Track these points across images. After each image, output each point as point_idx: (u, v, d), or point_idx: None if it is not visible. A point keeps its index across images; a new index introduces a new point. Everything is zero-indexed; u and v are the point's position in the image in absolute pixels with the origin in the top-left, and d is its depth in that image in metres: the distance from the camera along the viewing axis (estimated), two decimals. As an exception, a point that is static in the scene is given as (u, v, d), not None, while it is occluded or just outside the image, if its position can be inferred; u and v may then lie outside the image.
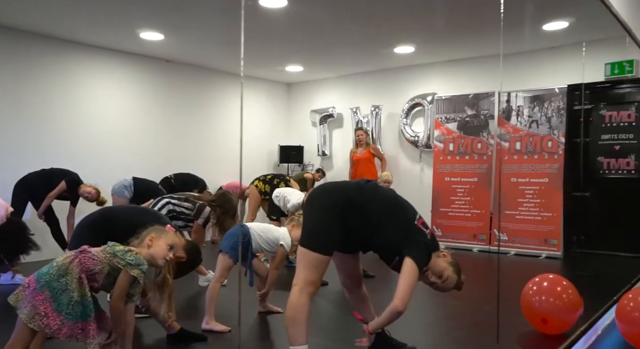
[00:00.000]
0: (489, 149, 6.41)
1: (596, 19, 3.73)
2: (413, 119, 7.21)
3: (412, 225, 2.36)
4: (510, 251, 6.06)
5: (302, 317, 2.29)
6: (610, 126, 5.93)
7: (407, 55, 6.57)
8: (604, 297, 3.64)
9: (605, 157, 5.92)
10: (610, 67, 5.60)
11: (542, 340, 2.90)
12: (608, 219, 5.81)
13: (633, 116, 5.85)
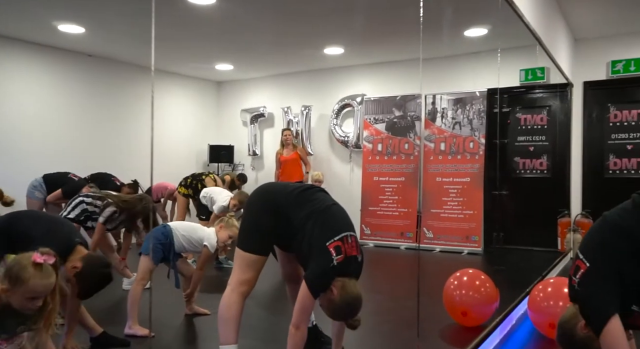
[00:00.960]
0: (416, 150, 6.63)
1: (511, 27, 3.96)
2: (343, 120, 7.33)
3: (321, 246, 2.14)
4: (436, 248, 6.29)
5: (233, 316, 2.30)
6: (525, 128, 6.32)
7: (337, 56, 6.66)
8: (518, 289, 3.86)
9: (521, 157, 6.30)
10: (524, 73, 5.96)
11: (462, 332, 3.04)
12: (523, 216, 6.19)
13: (545, 119, 6.26)
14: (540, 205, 6.13)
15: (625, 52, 5.98)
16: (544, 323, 3.15)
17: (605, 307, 1.82)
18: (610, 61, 6.01)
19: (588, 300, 1.88)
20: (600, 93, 6.13)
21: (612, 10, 5.34)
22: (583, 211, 6.13)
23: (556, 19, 5.19)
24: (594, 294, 1.86)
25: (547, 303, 3.15)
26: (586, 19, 5.61)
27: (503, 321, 3.20)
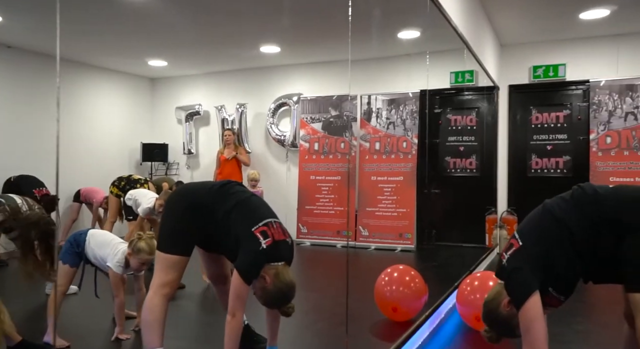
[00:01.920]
0: (352, 149, 6.72)
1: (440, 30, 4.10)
2: (280, 119, 7.31)
3: (248, 233, 2.16)
4: (371, 246, 6.41)
5: (156, 319, 2.25)
6: (456, 128, 6.56)
7: (273, 55, 6.64)
8: (448, 284, 4.00)
9: (451, 157, 6.53)
10: (454, 75, 6.18)
11: (392, 327, 3.11)
12: (454, 214, 6.42)
13: (474, 120, 6.52)
14: (469, 203, 6.38)
15: (545, 59, 6.34)
16: (471, 316, 3.28)
17: (528, 283, 1.94)
18: (532, 66, 6.35)
19: (514, 275, 1.99)
20: (524, 96, 6.47)
21: (534, 19, 5.64)
22: (508, 208, 6.44)
23: (483, 25, 5.42)
24: (520, 270, 1.97)
25: (474, 296, 3.28)
26: (511, 26, 5.90)
27: (432, 315, 3.30)
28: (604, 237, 1.90)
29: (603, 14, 5.36)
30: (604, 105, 5.89)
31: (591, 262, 1.96)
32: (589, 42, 6.19)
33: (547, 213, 2.03)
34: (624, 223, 1.87)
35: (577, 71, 6.18)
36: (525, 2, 5.12)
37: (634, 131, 5.73)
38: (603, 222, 1.91)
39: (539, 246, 1.98)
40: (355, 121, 6.73)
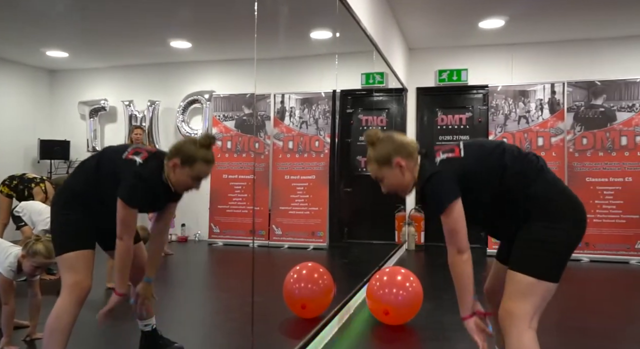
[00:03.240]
0: (266, 149, 6.69)
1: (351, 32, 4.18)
2: (191, 116, 7.12)
3: (120, 162, 2.21)
4: (284, 245, 6.42)
5: (62, 327, 2.13)
6: (367, 128, 6.73)
7: (185, 50, 6.45)
8: (358, 280, 4.10)
9: (362, 156, 6.69)
10: (365, 77, 6.35)
11: (301, 324, 3.13)
12: (365, 212, 6.59)
13: (385, 120, 6.73)
14: (379, 201, 6.56)
15: (449, 63, 6.69)
16: (379, 310, 3.38)
17: (454, 189, 1.85)
18: (438, 70, 6.68)
19: (442, 177, 1.87)
20: (430, 98, 6.78)
21: (439, 26, 5.94)
22: (416, 206, 6.72)
23: (392, 29, 5.61)
24: (448, 176, 1.86)
25: (383, 291, 3.39)
26: (418, 31, 6.16)
27: (341, 310, 3.36)
28: (516, 205, 1.87)
29: (499, 24, 5.75)
30: (500, 109, 6.31)
31: (493, 214, 1.96)
32: (487, 49, 6.61)
33: (499, 148, 1.94)
34: (536, 208, 1.84)
35: (478, 76, 6.58)
36: (431, 9, 5.37)
37: (526, 133, 6.20)
38: (525, 196, 1.85)
39: (477, 167, 1.90)
40: (268, 119, 6.71)
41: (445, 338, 3.19)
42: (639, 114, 5.92)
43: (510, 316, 1.77)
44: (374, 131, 2.02)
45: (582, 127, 6.08)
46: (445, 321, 3.49)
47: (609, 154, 5.97)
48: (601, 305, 4.09)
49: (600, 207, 5.95)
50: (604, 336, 3.29)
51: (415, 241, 6.58)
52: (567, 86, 6.14)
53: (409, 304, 3.36)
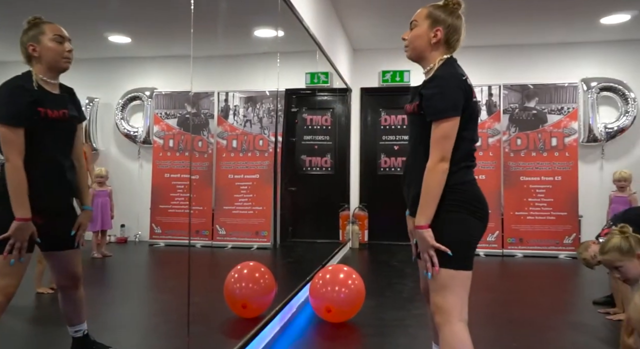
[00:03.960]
0: (210, 148, 6.58)
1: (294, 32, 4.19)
2: (131, 114, 6.90)
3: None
4: (228, 245, 6.34)
5: None
6: (311, 128, 6.76)
7: (124, 45, 6.24)
8: (301, 278, 4.11)
9: (307, 155, 6.72)
10: (310, 76, 6.37)
11: (242, 324, 3.11)
12: (310, 211, 6.62)
13: (329, 120, 6.78)
14: (324, 200, 6.62)
15: (392, 64, 6.81)
16: (322, 308, 3.40)
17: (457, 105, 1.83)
18: (381, 71, 6.79)
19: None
20: (374, 99, 6.88)
21: (383, 27, 6.04)
22: (360, 204, 6.81)
23: (336, 29, 5.66)
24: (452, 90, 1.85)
25: (326, 288, 3.41)
26: (362, 31, 6.24)
27: (283, 309, 3.36)
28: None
29: (440, 27, 5.91)
30: (441, 109, 6.49)
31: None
32: (429, 51, 6.78)
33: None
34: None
35: (419, 77, 6.72)
36: (374, 11, 5.45)
37: (465, 133, 6.41)
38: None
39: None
40: (212, 118, 6.61)
41: (386, 334, 3.25)
42: (568, 117, 6.25)
43: (440, 311, 1.83)
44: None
45: (516, 128, 6.36)
46: (386, 318, 3.56)
47: (541, 154, 6.27)
48: (533, 297, 4.29)
49: (532, 205, 6.24)
50: (535, 326, 3.46)
51: (359, 239, 6.67)
52: (503, 89, 6.40)
53: (351, 302, 3.40)
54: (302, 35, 4.14)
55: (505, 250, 6.24)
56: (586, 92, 6.30)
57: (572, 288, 4.93)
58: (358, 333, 3.36)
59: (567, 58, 6.52)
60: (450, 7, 2.01)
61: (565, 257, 6.07)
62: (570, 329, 3.50)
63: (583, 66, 6.44)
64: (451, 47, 2.01)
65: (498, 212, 6.31)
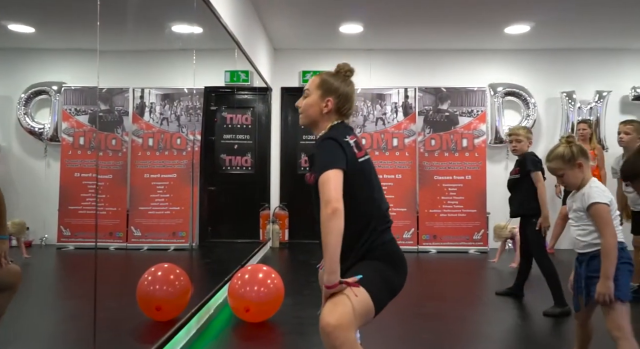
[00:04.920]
0: (124, 146, 6.31)
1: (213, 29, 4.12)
2: (36, 109, 6.46)
3: None
4: (144, 246, 6.11)
5: None
6: (231, 127, 6.67)
7: (27, 35, 5.83)
8: (220, 279, 4.05)
9: (227, 155, 6.62)
10: (229, 74, 6.29)
11: (155, 327, 3.02)
12: (230, 211, 6.53)
13: (249, 119, 6.73)
14: (244, 199, 6.56)
15: (313, 65, 6.88)
16: (240, 308, 3.38)
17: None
18: (302, 71, 6.84)
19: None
20: (295, 98, 6.88)
21: (303, 27, 6.09)
22: (280, 204, 6.82)
23: (256, 28, 5.63)
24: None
25: (245, 288, 3.39)
26: (283, 31, 6.25)
27: (199, 311, 3.30)
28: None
29: (358, 30, 6.06)
30: (360, 110, 6.66)
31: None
32: (348, 53, 6.91)
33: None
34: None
35: (339, 79, 6.86)
36: (294, 11, 5.48)
37: (383, 134, 6.62)
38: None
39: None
40: (126, 115, 6.34)
41: (304, 332, 3.29)
42: (477, 119, 6.63)
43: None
44: None
45: (430, 129, 6.65)
46: (304, 316, 3.60)
47: (453, 155, 6.60)
48: (444, 291, 4.51)
49: (445, 203, 6.56)
50: (444, 318, 3.64)
51: (279, 238, 6.68)
52: (418, 91, 6.67)
53: (270, 301, 3.41)
54: (220, 33, 4.08)
55: (420, 246, 6.51)
56: (493, 97, 6.71)
57: (480, 281, 5.24)
58: (276, 332, 3.37)
59: (476, 64, 6.90)
60: (342, 74, 2.08)
61: (475, 252, 6.44)
62: (476, 319, 3.72)
63: (490, 72, 6.85)
64: (343, 115, 2.08)
65: (413, 210, 6.57)
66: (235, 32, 4.26)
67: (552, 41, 6.50)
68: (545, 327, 3.48)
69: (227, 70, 6.29)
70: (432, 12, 5.39)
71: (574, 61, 6.85)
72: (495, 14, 5.43)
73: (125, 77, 6.22)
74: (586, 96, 6.69)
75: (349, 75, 2.09)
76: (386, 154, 6.60)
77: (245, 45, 4.77)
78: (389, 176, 6.59)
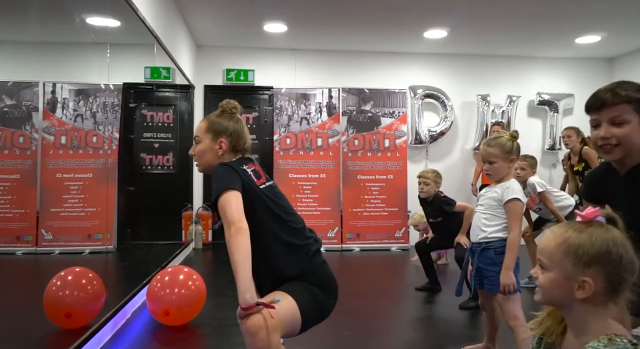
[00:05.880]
0: (33, 144, 5.91)
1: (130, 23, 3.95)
2: None
3: None
4: (55, 250, 5.76)
5: None
6: (152, 125, 6.45)
7: None
8: (138, 282, 3.90)
9: (147, 154, 6.39)
10: (150, 70, 6.07)
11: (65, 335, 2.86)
12: (152, 212, 6.30)
13: (171, 117, 6.53)
14: (166, 200, 6.36)
15: (237, 63, 6.81)
16: (159, 311, 3.27)
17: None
18: (225, 69, 6.74)
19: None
20: (218, 97, 6.79)
21: (227, 25, 5.99)
22: (204, 204, 6.68)
23: (178, 24, 5.47)
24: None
25: (164, 291, 3.29)
26: (206, 28, 6.12)
27: (114, 316, 3.16)
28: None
29: (282, 29, 6.06)
30: (284, 110, 6.66)
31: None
32: (273, 52, 6.90)
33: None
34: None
35: (264, 77, 6.83)
36: (216, 8, 5.38)
37: (307, 133, 6.66)
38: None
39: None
40: (36, 111, 5.95)
41: (225, 333, 3.24)
42: (398, 120, 6.83)
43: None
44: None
45: (354, 129, 6.77)
46: (226, 317, 3.54)
47: (375, 154, 6.77)
48: (366, 288, 4.61)
49: (368, 202, 6.71)
50: (366, 314, 3.72)
51: (202, 239, 6.54)
52: (342, 92, 6.77)
53: (190, 303, 3.33)
54: (138, 27, 3.92)
55: (344, 245, 6.61)
56: (413, 98, 6.95)
57: (401, 277, 5.41)
58: (197, 335, 3.30)
59: (397, 66, 7.11)
60: (228, 113, 2.08)
61: (397, 250, 6.63)
62: (396, 314, 3.84)
63: (411, 74, 7.09)
64: (239, 151, 2.09)
65: (337, 209, 6.66)
66: (154, 27, 4.11)
67: (468, 47, 6.83)
68: (461, 319, 3.65)
69: (147, 67, 6.06)
70: (355, 14, 5.49)
71: (488, 66, 7.23)
72: (415, 18, 5.63)
73: (33, 70, 5.83)
74: (499, 100, 7.09)
75: (235, 112, 2.09)
76: (310, 154, 6.65)
77: (166, 41, 4.62)
78: (313, 176, 6.64)
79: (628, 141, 1.64)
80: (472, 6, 5.21)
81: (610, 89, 1.66)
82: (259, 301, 1.74)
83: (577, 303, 1.18)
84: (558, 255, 1.19)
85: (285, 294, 1.86)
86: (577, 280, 1.16)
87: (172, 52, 5.04)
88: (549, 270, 1.21)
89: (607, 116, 1.66)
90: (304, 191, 6.60)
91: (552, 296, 1.21)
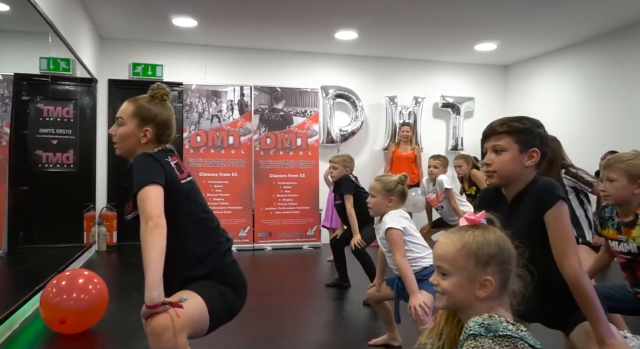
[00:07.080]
0: None
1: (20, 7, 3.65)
2: None
3: None
4: None
5: None
6: (49, 120, 6.02)
7: None
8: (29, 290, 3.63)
9: (44, 151, 5.96)
10: (46, 62, 5.66)
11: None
12: (49, 213, 5.88)
13: (72, 112, 6.14)
14: (66, 200, 5.97)
15: (145, 57, 6.54)
16: (54, 319, 3.07)
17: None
18: (132, 63, 6.45)
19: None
20: (124, 92, 6.48)
21: (133, 18, 5.73)
22: (108, 204, 6.35)
23: (77, 12, 5.15)
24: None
25: (60, 297, 3.08)
26: (110, 20, 5.82)
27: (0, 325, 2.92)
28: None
29: (191, 24, 5.90)
30: (195, 107, 6.49)
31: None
32: (183, 47, 6.71)
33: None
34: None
35: (173, 73, 6.61)
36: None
37: (218, 131, 6.54)
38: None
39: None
40: None
41: (128, 337, 3.10)
42: (310, 119, 6.90)
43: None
44: None
45: (266, 128, 6.75)
46: (131, 321, 3.37)
47: (288, 153, 6.79)
48: (278, 286, 4.61)
49: (280, 201, 6.72)
50: (276, 312, 3.72)
51: (106, 241, 6.22)
52: (254, 90, 6.72)
53: (91, 309, 3.15)
54: (28, 12, 3.64)
55: (255, 244, 6.57)
56: (325, 98, 7.05)
57: (312, 274, 5.47)
58: (96, 342, 3.14)
59: (309, 66, 7.18)
60: (158, 98, 2.00)
61: (308, 248, 6.69)
62: (305, 311, 3.87)
63: (322, 74, 7.18)
64: (163, 142, 2.01)
65: (249, 208, 6.60)
66: (49, 14, 3.84)
67: (377, 49, 7.05)
68: (366, 314, 3.75)
69: (42, 57, 5.65)
70: (266, 12, 5.47)
71: (396, 69, 7.50)
72: (325, 18, 5.70)
73: None
74: (406, 101, 7.38)
75: (166, 99, 2.01)
76: (222, 152, 6.54)
77: (64, 30, 4.33)
78: (224, 174, 6.54)
79: (502, 167, 1.77)
80: (381, 9, 5.38)
81: (502, 120, 1.81)
82: (166, 300, 1.68)
83: (478, 301, 1.26)
84: (460, 259, 1.26)
85: (193, 293, 1.81)
86: (479, 280, 1.25)
87: (72, 42, 4.73)
88: (451, 275, 1.27)
89: (490, 144, 1.80)
90: (215, 189, 6.48)
91: (456, 299, 1.28)
